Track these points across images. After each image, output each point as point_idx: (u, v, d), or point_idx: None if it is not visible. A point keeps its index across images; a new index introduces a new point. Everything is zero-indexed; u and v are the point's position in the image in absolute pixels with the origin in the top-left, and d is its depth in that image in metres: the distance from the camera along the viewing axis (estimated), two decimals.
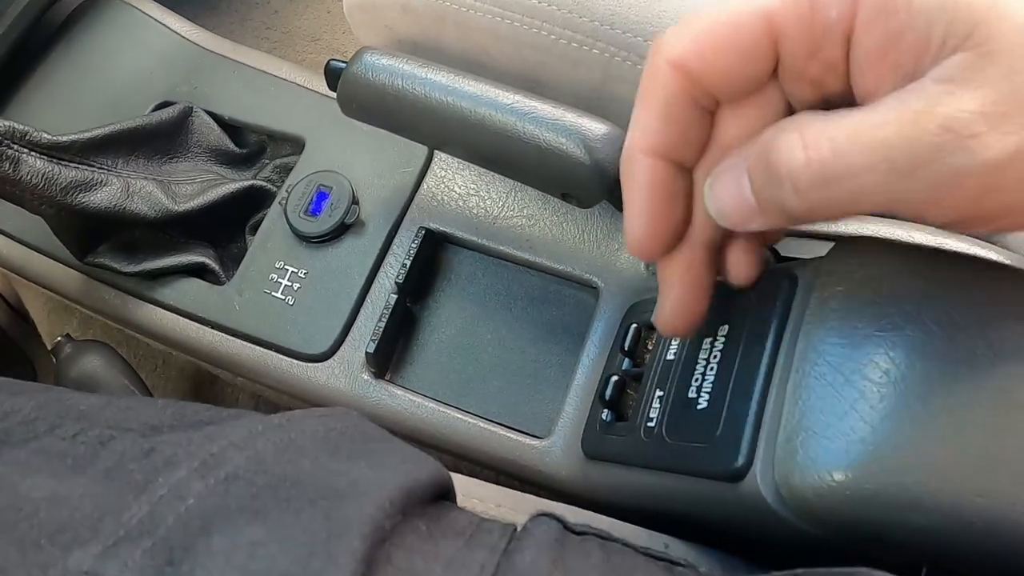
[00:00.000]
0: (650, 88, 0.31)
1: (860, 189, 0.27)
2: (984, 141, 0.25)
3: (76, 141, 0.53)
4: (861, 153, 0.26)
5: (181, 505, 0.28)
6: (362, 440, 0.35)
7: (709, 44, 0.29)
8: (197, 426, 0.33)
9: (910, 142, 0.25)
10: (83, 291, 0.59)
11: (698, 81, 0.30)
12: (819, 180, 0.27)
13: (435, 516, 0.33)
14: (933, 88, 0.25)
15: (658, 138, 0.31)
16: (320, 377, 0.53)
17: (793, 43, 0.28)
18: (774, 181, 0.28)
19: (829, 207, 0.28)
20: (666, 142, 0.31)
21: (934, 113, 0.25)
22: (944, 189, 0.26)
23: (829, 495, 0.29)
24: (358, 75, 0.48)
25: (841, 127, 0.27)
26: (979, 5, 0.25)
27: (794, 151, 0.27)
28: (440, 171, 0.57)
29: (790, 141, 0.28)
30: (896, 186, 0.26)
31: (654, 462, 0.37)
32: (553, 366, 0.52)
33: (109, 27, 0.68)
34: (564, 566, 0.31)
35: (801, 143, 0.27)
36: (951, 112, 0.25)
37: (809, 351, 0.32)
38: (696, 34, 0.29)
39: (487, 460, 0.50)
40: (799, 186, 0.27)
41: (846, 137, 0.26)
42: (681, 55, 0.29)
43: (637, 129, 0.31)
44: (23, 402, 0.34)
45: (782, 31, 0.28)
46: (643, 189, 0.32)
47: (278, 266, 0.55)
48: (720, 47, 0.29)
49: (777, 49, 0.29)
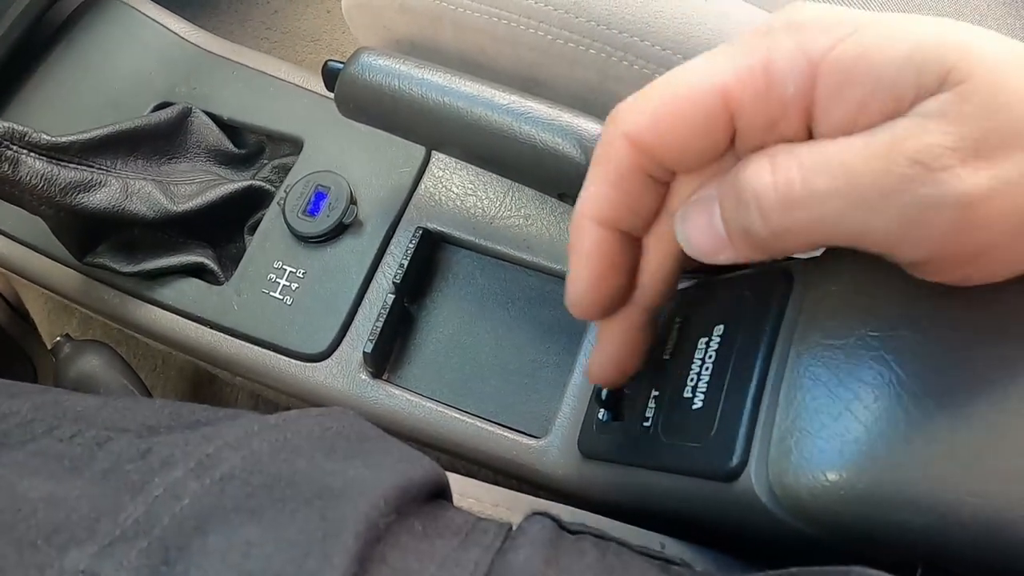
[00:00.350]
0: (604, 158, 0.31)
1: (826, 216, 0.26)
2: (957, 175, 0.24)
3: (75, 142, 0.53)
4: (827, 176, 0.26)
5: (177, 505, 0.28)
6: (358, 440, 0.35)
7: (664, 120, 0.29)
8: (194, 426, 0.34)
9: (878, 172, 0.25)
10: (82, 291, 0.59)
11: (653, 155, 0.30)
12: (785, 202, 0.26)
13: (430, 515, 0.33)
14: (906, 121, 0.25)
15: (608, 209, 0.31)
16: (318, 377, 0.53)
17: (750, 118, 0.28)
18: (741, 205, 0.28)
19: (795, 234, 0.27)
20: (616, 213, 0.31)
21: (904, 145, 0.24)
22: (913, 224, 0.25)
23: (823, 495, 0.29)
24: (355, 75, 0.48)
25: (810, 152, 0.26)
26: (950, 47, 0.25)
27: (761, 173, 0.27)
28: (437, 171, 0.58)
29: (759, 164, 0.27)
30: (863, 216, 0.26)
31: (650, 462, 0.37)
32: (550, 366, 0.52)
33: (108, 28, 0.68)
34: (558, 565, 0.31)
35: (769, 166, 0.27)
36: (921, 145, 0.24)
37: (804, 351, 0.32)
38: (652, 109, 0.29)
39: (484, 460, 0.50)
40: (764, 209, 0.27)
41: (813, 161, 0.26)
42: (636, 130, 0.29)
43: (588, 197, 0.31)
44: (20, 404, 0.34)
45: (738, 106, 0.28)
46: (588, 256, 0.32)
47: (276, 266, 0.56)
48: (675, 123, 0.29)
49: (733, 123, 0.28)
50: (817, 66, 0.26)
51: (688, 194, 0.31)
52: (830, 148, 0.26)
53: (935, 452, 0.28)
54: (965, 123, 0.24)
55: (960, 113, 0.24)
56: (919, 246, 0.26)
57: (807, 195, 0.26)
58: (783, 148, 0.27)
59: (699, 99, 0.28)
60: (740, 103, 0.28)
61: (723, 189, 0.29)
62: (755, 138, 0.28)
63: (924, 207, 0.25)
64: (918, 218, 0.25)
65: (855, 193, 0.25)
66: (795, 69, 0.26)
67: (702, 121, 0.28)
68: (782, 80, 0.27)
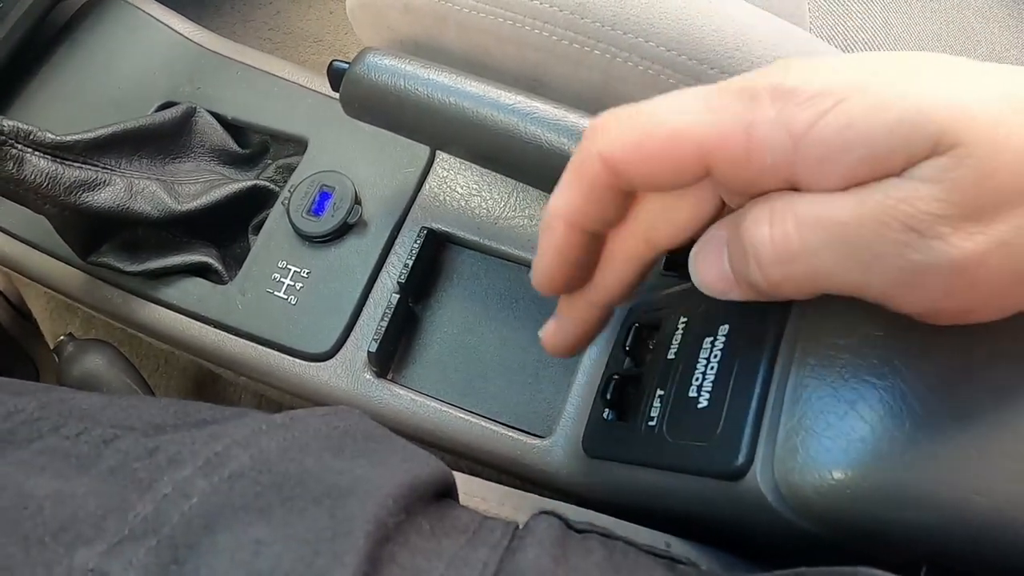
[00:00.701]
0: (578, 169, 0.31)
1: (820, 271, 0.27)
2: (950, 241, 0.24)
3: (80, 141, 0.53)
4: (822, 233, 0.26)
5: (185, 503, 0.28)
6: (364, 439, 0.35)
7: (638, 153, 0.29)
8: (200, 425, 0.34)
9: (872, 234, 0.25)
10: (86, 290, 0.59)
11: (624, 178, 0.30)
12: (781, 257, 0.27)
13: (438, 514, 0.33)
14: (899, 183, 0.25)
15: (577, 214, 0.32)
16: (322, 376, 0.53)
17: (727, 176, 0.28)
18: (743, 254, 0.28)
19: (792, 285, 0.28)
20: (583, 219, 0.32)
21: (896, 210, 0.25)
22: (908, 285, 0.26)
23: (829, 493, 0.29)
24: (361, 75, 0.48)
25: (807, 206, 0.26)
26: (940, 111, 0.24)
27: (760, 224, 0.27)
28: (442, 171, 0.58)
29: (759, 215, 0.28)
30: (858, 274, 0.26)
31: (655, 461, 0.37)
32: (554, 365, 0.52)
33: (112, 28, 0.68)
34: (566, 564, 0.31)
35: (768, 218, 0.27)
36: (914, 211, 0.24)
37: (809, 350, 0.32)
38: (628, 140, 0.29)
39: (489, 459, 0.50)
40: (761, 262, 0.27)
41: (809, 215, 0.26)
42: (612, 154, 0.30)
43: (560, 199, 0.32)
44: (26, 402, 0.34)
45: (715, 163, 0.28)
46: (554, 249, 0.33)
47: (281, 266, 0.56)
48: (649, 159, 0.29)
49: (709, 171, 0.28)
50: (798, 140, 0.26)
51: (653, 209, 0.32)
52: (825, 204, 0.26)
53: (940, 451, 0.28)
54: (958, 189, 0.24)
55: (953, 179, 0.24)
56: (915, 303, 0.26)
57: (802, 251, 0.26)
58: (783, 198, 0.27)
59: (675, 144, 0.28)
60: (718, 161, 0.28)
61: (730, 234, 0.29)
62: (736, 189, 0.29)
63: (918, 270, 0.25)
64: (912, 280, 0.25)
65: (849, 252, 0.26)
66: (777, 142, 0.26)
67: (676, 164, 0.29)
68: (761, 150, 0.27)
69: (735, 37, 0.48)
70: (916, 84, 0.25)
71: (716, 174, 0.28)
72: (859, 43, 0.59)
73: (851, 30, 0.59)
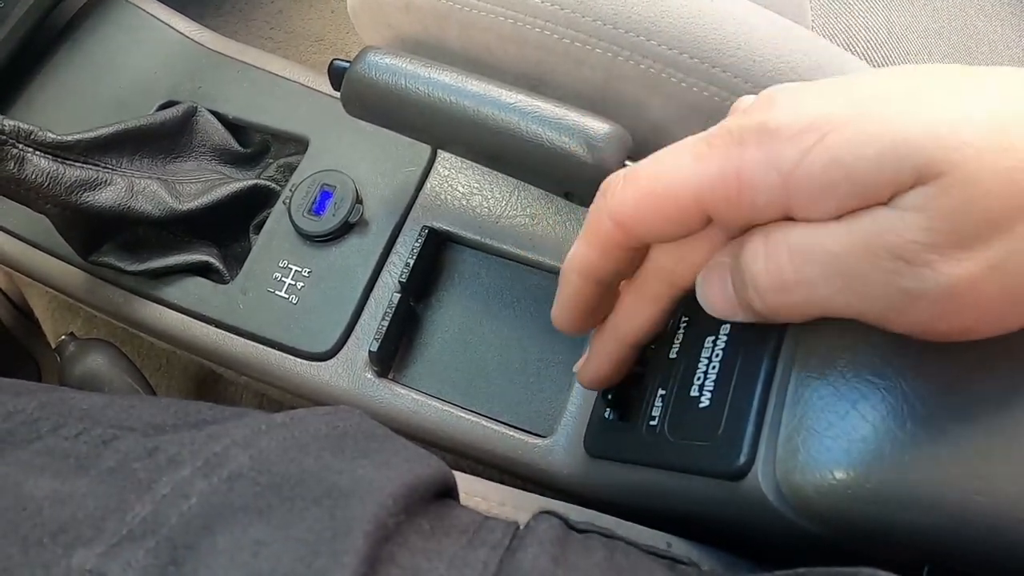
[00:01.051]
0: (592, 228, 0.34)
1: (815, 298, 0.28)
2: (938, 269, 0.25)
3: (81, 140, 0.53)
4: (814, 264, 0.27)
5: (184, 504, 0.28)
6: (365, 439, 0.35)
7: (644, 211, 0.31)
8: (200, 425, 0.34)
9: (862, 264, 0.26)
10: (87, 290, 0.59)
11: (633, 235, 0.32)
12: (776, 285, 0.28)
13: (438, 514, 0.33)
14: (886, 213, 0.26)
15: (592, 268, 0.35)
16: (323, 376, 0.53)
17: (725, 218, 0.30)
18: (743, 283, 0.30)
19: (790, 311, 0.29)
20: (597, 272, 0.35)
21: (884, 239, 0.25)
22: (901, 310, 0.26)
23: (830, 493, 0.29)
24: (362, 74, 0.48)
25: (799, 236, 0.28)
26: (926, 140, 0.25)
27: (756, 256, 0.29)
28: (443, 170, 0.58)
29: (754, 246, 0.29)
30: (852, 301, 0.27)
31: (656, 460, 0.37)
32: (556, 365, 0.52)
33: (113, 27, 0.68)
34: (566, 564, 0.31)
35: (764, 249, 0.29)
36: (901, 242, 0.25)
37: (811, 350, 0.32)
38: (634, 200, 0.31)
39: (490, 459, 0.50)
40: (760, 291, 0.29)
41: (802, 246, 0.28)
42: (621, 215, 0.32)
43: (576, 255, 0.35)
44: (26, 402, 0.34)
45: (712, 209, 0.29)
46: (571, 298, 0.37)
47: (282, 265, 0.56)
48: (654, 215, 0.31)
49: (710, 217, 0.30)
50: (788, 178, 0.27)
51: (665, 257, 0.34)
52: (817, 235, 0.27)
53: (942, 451, 0.27)
54: (944, 218, 0.24)
55: (939, 208, 0.24)
56: (910, 326, 0.27)
57: (797, 281, 0.28)
58: (778, 228, 0.29)
59: (675, 200, 0.30)
60: (714, 207, 0.29)
61: (732, 263, 0.31)
62: (735, 229, 0.31)
63: (909, 297, 0.26)
64: (904, 305, 0.26)
65: (841, 281, 0.27)
66: (766, 182, 0.27)
67: (678, 216, 0.30)
68: (752, 191, 0.28)
69: (737, 35, 0.47)
70: (900, 111, 0.26)
71: (715, 219, 0.30)
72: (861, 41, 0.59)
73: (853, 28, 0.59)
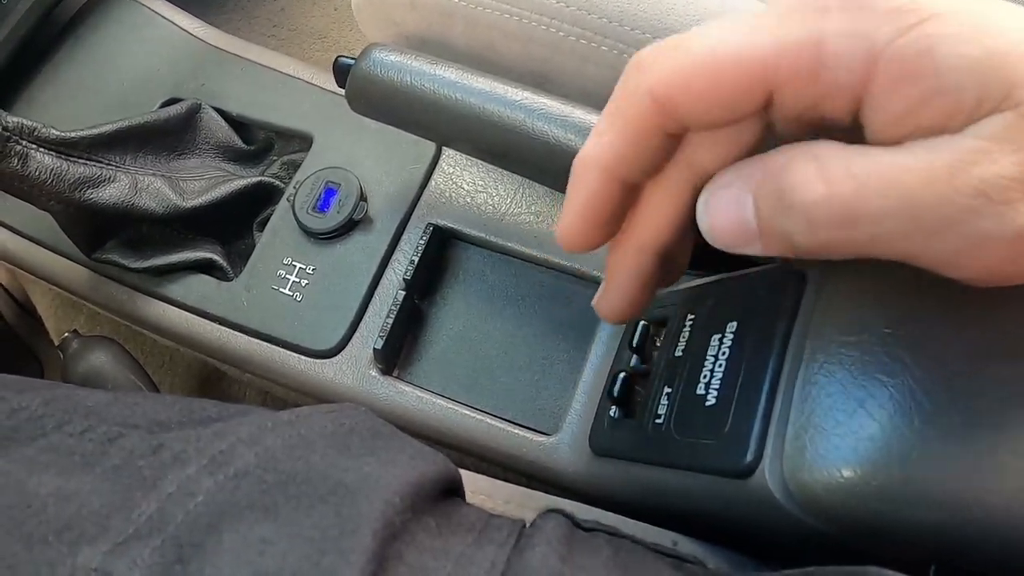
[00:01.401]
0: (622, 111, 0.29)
1: (880, 236, 0.25)
2: (1018, 208, 0.23)
3: (84, 137, 0.53)
4: (884, 197, 0.24)
5: (190, 502, 0.28)
6: (371, 436, 0.35)
7: (697, 84, 0.27)
8: (205, 422, 0.33)
9: (940, 200, 0.23)
10: (91, 287, 0.59)
11: (676, 115, 0.28)
12: (837, 219, 0.25)
13: (444, 512, 0.33)
14: (968, 143, 0.23)
15: (617, 162, 0.30)
16: (328, 373, 0.53)
17: (792, 97, 0.26)
18: (785, 211, 0.26)
19: (842, 248, 0.26)
20: (624, 167, 0.30)
21: (969, 173, 0.23)
22: (969, 252, 0.24)
23: (838, 491, 0.29)
24: (366, 71, 0.48)
25: (866, 166, 0.25)
26: (1015, 66, 0.23)
27: (812, 183, 0.25)
28: (448, 168, 0.57)
29: (807, 172, 0.25)
30: (919, 241, 0.24)
31: (662, 459, 0.37)
32: (561, 363, 0.52)
33: (117, 24, 0.68)
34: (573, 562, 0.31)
35: (820, 176, 0.25)
36: (987, 175, 0.23)
37: (818, 348, 0.31)
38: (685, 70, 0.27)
39: (495, 456, 0.50)
40: (813, 221, 0.25)
41: (871, 178, 0.24)
42: (666, 90, 0.27)
43: (599, 144, 0.30)
44: (30, 399, 0.34)
45: (779, 84, 0.26)
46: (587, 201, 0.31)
47: (286, 262, 0.56)
48: (708, 89, 0.27)
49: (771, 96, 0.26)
50: (878, 55, 0.24)
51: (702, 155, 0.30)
52: (887, 164, 0.24)
53: (950, 449, 0.27)
54: None
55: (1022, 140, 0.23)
56: (972, 269, 0.25)
57: (862, 214, 0.24)
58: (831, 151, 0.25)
59: (738, 70, 0.26)
60: (783, 81, 0.26)
61: (761, 184, 0.27)
62: (794, 113, 0.27)
63: (983, 238, 0.24)
64: (974, 247, 0.24)
65: (913, 218, 0.24)
66: (852, 55, 0.24)
67: (738, 91, 0.26)
68: (834, 65, 0.25)
69: None
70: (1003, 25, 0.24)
71: (778, 98, 0.26)
72: None
73: None
